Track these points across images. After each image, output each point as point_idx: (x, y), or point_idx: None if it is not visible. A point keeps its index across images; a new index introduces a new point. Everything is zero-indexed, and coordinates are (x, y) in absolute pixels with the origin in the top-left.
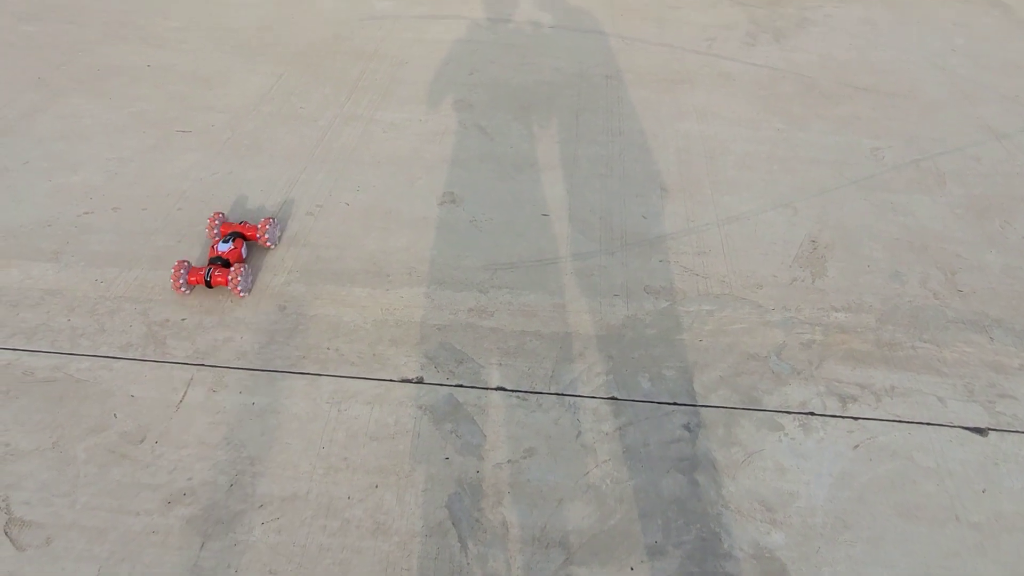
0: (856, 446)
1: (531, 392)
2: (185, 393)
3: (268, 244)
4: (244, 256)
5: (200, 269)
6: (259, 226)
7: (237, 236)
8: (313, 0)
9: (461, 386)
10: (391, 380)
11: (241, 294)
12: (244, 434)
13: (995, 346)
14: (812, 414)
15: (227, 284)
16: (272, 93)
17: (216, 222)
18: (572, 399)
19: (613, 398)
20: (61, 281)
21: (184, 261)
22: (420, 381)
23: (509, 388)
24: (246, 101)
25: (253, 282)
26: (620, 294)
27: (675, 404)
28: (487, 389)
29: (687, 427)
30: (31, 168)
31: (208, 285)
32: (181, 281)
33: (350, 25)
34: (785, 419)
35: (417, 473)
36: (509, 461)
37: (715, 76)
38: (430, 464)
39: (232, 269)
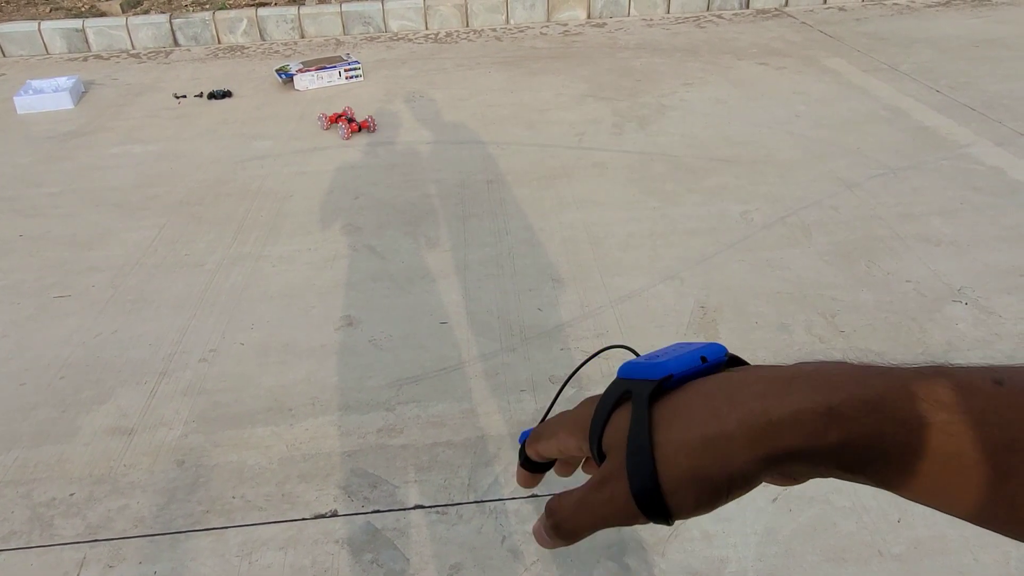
0: (774, 499)
1: (450, 505)
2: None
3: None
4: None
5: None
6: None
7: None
8: (192, 149)
9: (377, 511)
10: (303, 519)
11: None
12: None
13: None
14: None
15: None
16: (155, 245)
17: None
18: (492, 504)
19: (533, 495)
20: None
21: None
22: (334, 514)
23: (427, 504)
24: (128, 257)
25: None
26: (527, 388)
27: None
28: (405, 510)
29: None
30: None
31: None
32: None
33: (231, 167)
34: None
35: None
36: None
37: (589, 167)
38: None
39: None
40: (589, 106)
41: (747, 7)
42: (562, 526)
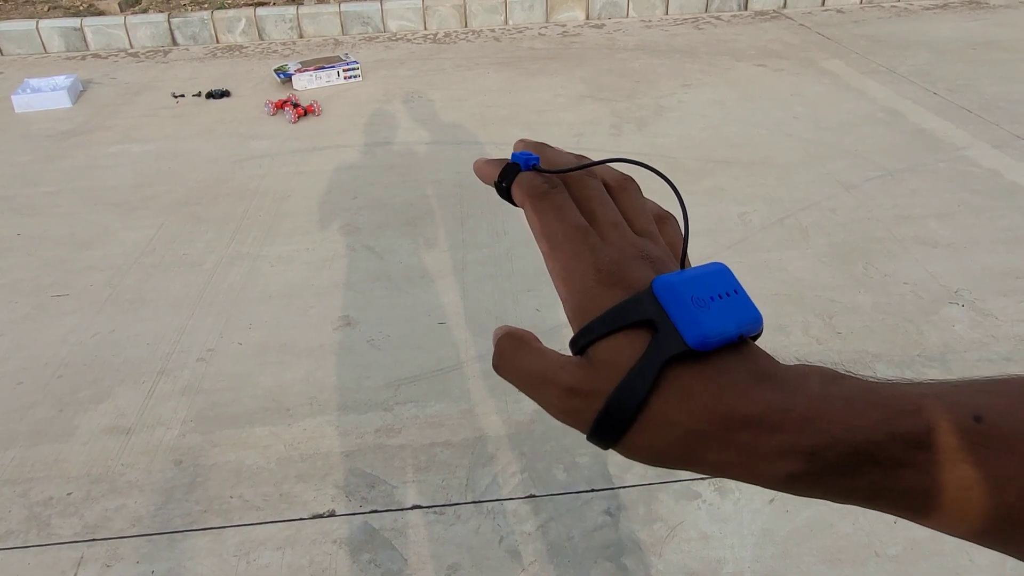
0: (771, 500)
1: (448, 505)
2: (75, 575)
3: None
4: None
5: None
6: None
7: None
8: (191, 149)
9: (375, 511)
10: (301, 519)
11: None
12: None
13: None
14: None
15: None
16: (153, 244)
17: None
18: (490, 504)
19: (531, 496)
20: None
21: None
22: (332, 514)
23: (425, 505)
24: (126, 256)
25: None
26: None
27: (593, 491)
28: (403, 510)
29: (608, 512)
30: None
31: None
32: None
33: (229, 167)
34: (700, 486)
35: None
36: None
37: None
38: None
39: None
40: (587, 107)
41: (745, 9)
42: (500, 370)
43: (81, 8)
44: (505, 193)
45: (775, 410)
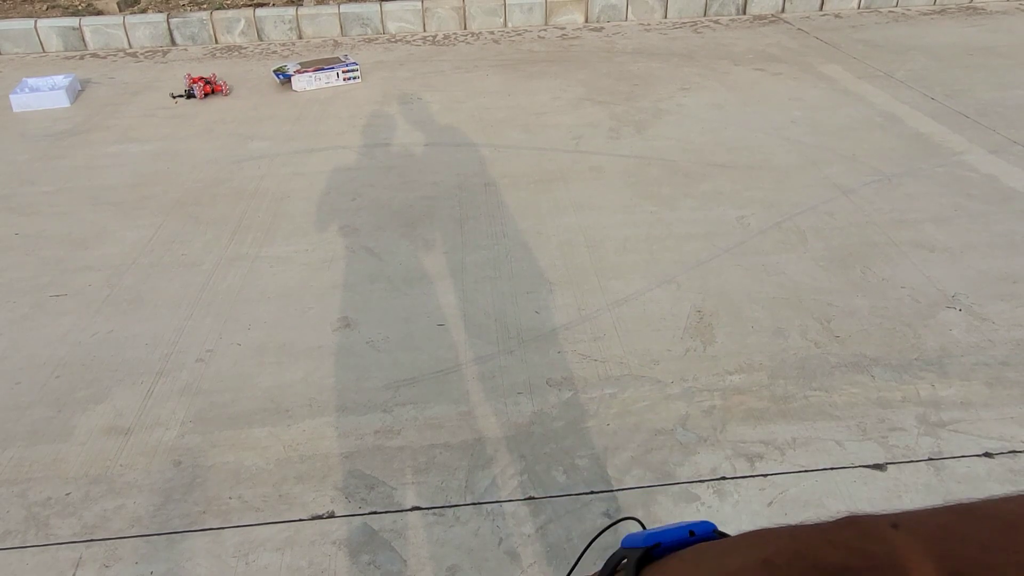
0: (770, 503)
1: (447, 506)
2: (74, 575)
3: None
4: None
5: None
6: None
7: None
8: (189, 149)
9: (375, 513)
10: (300, 520)
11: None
12: None
13: (877, 383)
14: (724, 478)
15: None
16: (152, 244)
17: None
18: (489, 506)
19: (530, 498)
20: None
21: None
22: (331, 515)
23: (424, 506)
24: (124, 256)
25: None
26: (523, 391)
27: (592, 493)
28: (402, 511)
29: (607, 514)
30: None
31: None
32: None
33: (228, 168)
34: (699, 488)
35: None
36: None
37: (586, 170)
38: None
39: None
40: (586, 110)
41: (744, 13)
42: None
43: (80, 7)
44: None
45: (728, 544)
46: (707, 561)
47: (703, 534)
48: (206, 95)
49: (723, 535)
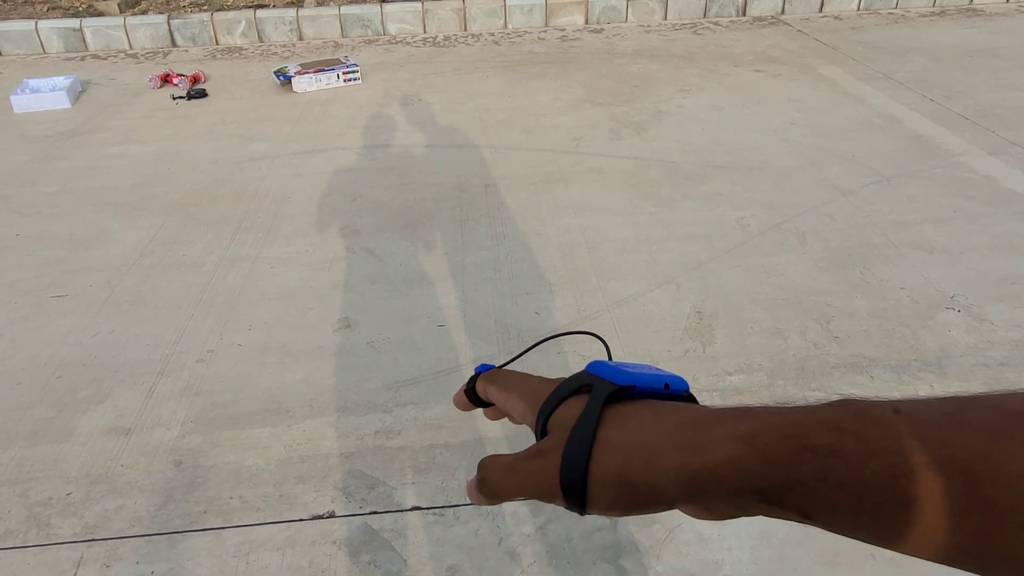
0: None
1: (447, 506)
2: (75, 575)
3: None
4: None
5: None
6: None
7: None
8: (190, 150)
9: (375, 513)
10: (301, 520)
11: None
12: None
13: (876, 384)
14: None
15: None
16: (152, 245)
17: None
18: (489, 507)
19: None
20: None
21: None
22: (332, 515)
23: (424, 506)
24: (125, 257)
25: None
26: None
27: None
28: (402, 511)
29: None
30: None
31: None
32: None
33: (228, 169)
34: None
35: None
36: None
37: (586, 172)
38: None
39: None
40: (586, 111)
41: (743, 14)
42: (487, 483)
43: (80, 9)
44: (473, 393)
45: (711, 413)
46: (686, 426)
47: (676, 390)
48: (162, 84)
49: (693, 398)
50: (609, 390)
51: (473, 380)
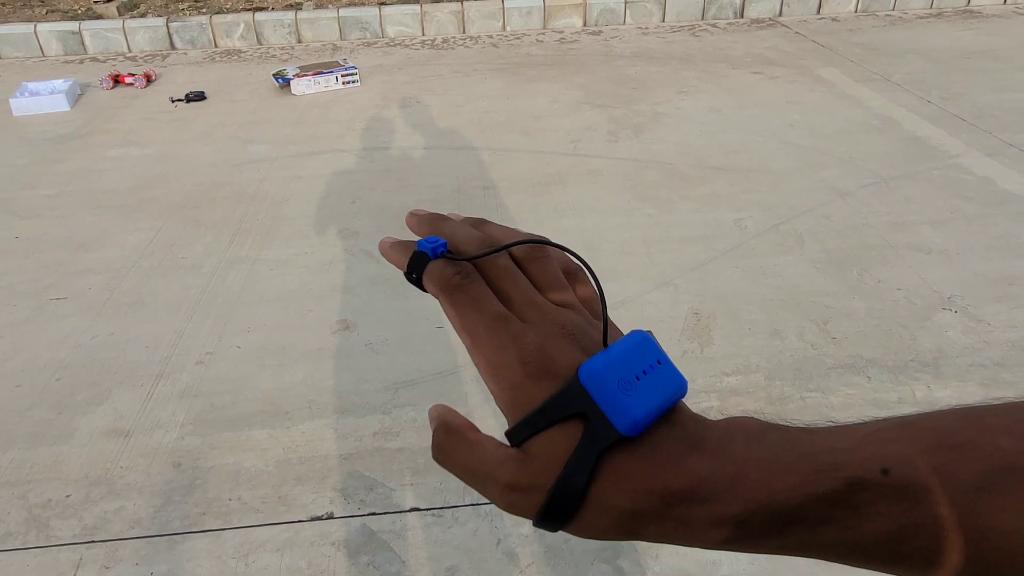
0: None
1: (446, 507)
2: None
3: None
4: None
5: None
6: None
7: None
8: (189, 152)
9: (374, 514)
10: (300, 521)
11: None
12: None
13: (873, 384)
14: None
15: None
16: (152, 247)
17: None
18: (488, 507)
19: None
20: None
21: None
22: (330, 517)
23: (423, 507)
24: (125, 259)
25: None
26: None
27: None
28: (401, 512)
29: None
30: None
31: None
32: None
33: (227, 172)
34: None
35: None
36: None
37: (584, 173)
38: None
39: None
40: (584, 113)
41: (741, 16)
42: (440, 453)
43: (79, 11)
44: (417, 283)
45: (704, 481)
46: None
47: (674, 393)
48: (116, 84)
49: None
50: (606, 442)
51: (421, 262)
